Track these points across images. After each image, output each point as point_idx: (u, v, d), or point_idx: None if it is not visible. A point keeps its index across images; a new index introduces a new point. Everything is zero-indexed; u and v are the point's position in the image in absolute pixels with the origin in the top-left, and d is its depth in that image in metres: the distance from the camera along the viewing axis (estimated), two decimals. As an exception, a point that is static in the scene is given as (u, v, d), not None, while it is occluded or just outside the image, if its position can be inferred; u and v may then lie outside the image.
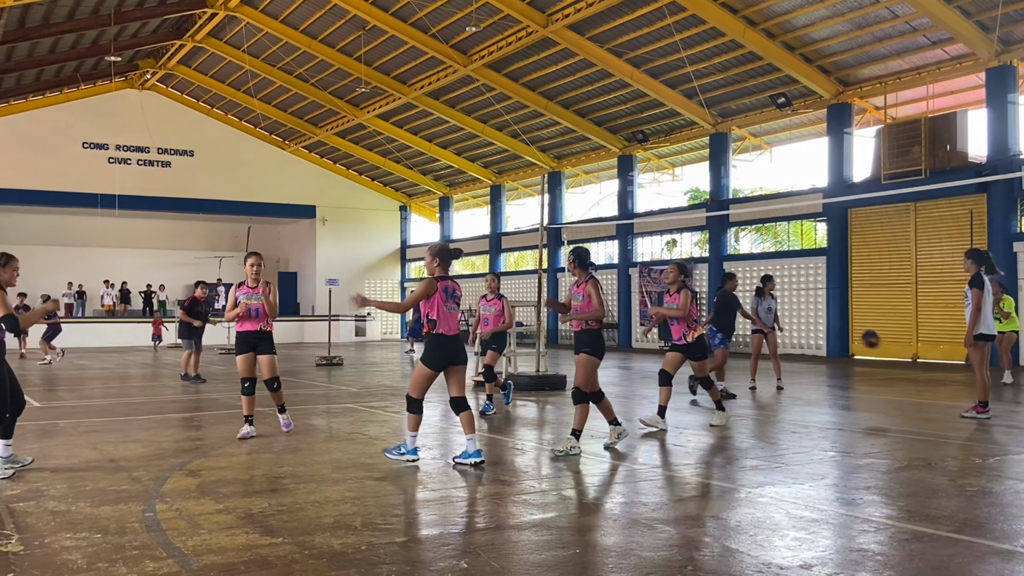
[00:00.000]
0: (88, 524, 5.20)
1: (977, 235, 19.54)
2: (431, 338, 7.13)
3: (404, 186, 40.01)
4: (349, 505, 5.71)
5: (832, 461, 7.45)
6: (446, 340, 7.10)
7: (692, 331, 9.30)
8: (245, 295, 8.67)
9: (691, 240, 28.89)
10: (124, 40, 29.19)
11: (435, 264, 7.25)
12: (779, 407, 11.49)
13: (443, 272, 7.27)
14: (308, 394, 13.43)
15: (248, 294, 8.67)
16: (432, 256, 7.28)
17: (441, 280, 7.16)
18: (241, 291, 8.71)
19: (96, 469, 7.02)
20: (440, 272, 7.24)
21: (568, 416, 10.44)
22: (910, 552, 4.66)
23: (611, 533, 5.11)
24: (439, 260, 7.23)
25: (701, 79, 23.33)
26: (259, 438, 8.62)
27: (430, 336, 7.13)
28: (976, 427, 9.60)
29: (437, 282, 7.12)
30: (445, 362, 7.12)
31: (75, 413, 10.87)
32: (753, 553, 4.63)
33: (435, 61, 26.84)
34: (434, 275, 7.22)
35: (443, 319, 7.10)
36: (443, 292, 7.11)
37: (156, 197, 35.04)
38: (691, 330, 9.31)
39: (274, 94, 33.48)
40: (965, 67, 19.82)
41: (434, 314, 7.10)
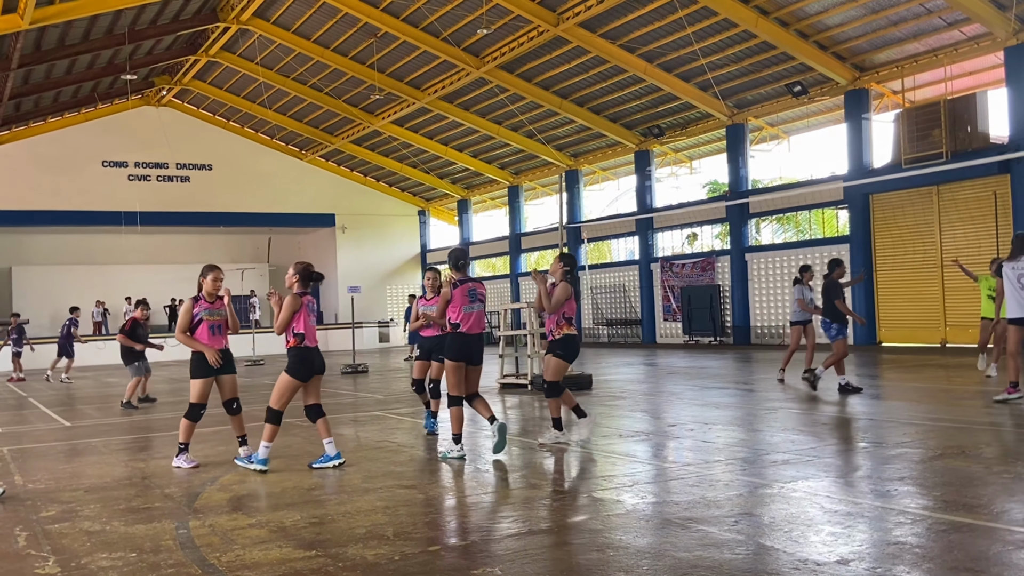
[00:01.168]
0: (123, 543, 5.23)
1: (1002, 216, 19.30)
2: (296, 351, 7.44)
3: (422, 191, 40.11)
4: (380, 515, 5.72)
5: (864, 452, 7.37)
6: (312, 352, 7.48)
7: (560, 328, 8.21)
8: (206, 311, 7.96)
9: (712, 233, 28.74)
10: (139, 58, 29.45)
11: (295, 281, 7.61)
12: (807, 398, 11.39)
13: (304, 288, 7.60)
14: (336, 403, 13.47)
15: (208, 309, 7.97)
16: (294, 274, 7.62)
17: (303, 296, 7.54)
18: (200, 307, 7.96)
19: (129, 487, 7.08)
20: (300, 289, 7.56)
21: (596, 416, 10.42)
22: (948, 543, 4.60)
23: (644, 534, 5.08)
24: (299, 278, 7.58)
25: (715, 71, 23.20)
26: (287, 450, 8.65)
27: (294, 349, 7.45)
28: (1009, 412, 9.48)
29: (301, 298, 7.50)
30: (311, 373, 7.50)
31: (105, 431, 10.97)
32: (789, 550, 4.58)
33: (448, 65, 26.87)
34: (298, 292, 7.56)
35: (309, 332, 7.48)
36: (307, 307, 7.51)
37: (176, 212, 35.37)
38: (559, 327, 8.22)
39: (289, 105, 33.66)
40: (983, 47, 19.56)
41: (300, 327, 7.43)
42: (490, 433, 7.81)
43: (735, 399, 11.85)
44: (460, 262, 7.89)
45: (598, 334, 30.61)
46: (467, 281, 7.79)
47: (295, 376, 7.44)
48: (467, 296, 7.73)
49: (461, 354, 7.68)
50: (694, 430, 8.96)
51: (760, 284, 25.27)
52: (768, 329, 25.06)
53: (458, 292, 7.72)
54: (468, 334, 7.69)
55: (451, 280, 7.78)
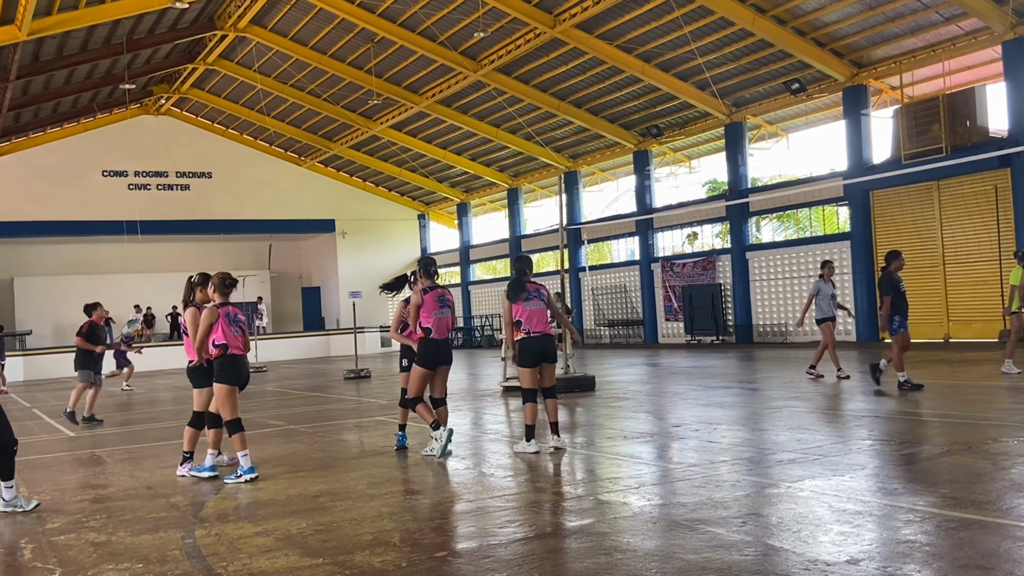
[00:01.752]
0: (129, 554, 5.22)
1: (1003, 210, 19.28)
2: (221, 361, 7.44)
3: (421, 195, 40.12)
4: (387, 521, 5.70)
5: (871, 450, 7.35)
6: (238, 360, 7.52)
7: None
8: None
9: (712, 232, 28.71)
10: (137, 67, 29.48)
11: (213, 292, 7.66)
12: (812, 396, 11.36)
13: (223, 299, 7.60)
14: (339, 408, 13.46)
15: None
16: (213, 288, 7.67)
17: (222, 306, 7.53)
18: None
19: (134, 497, 7.06)
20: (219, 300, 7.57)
21: (599, 417, 10.41)
22: (958, 541, 4.58)
23: (652, 537, 5.06)
24: (216, 289, 7.62)
25: (713, 70, 23.19)
26: (292, 457, 8.63)
27: (218, 360, 7.45)
28: (1015, 408, 9.46)
29: (219, 308, 7.49)
30: (239, 380, 7.55)
31: (110, 441, 10.95)
32: (798, 550, 4.56)
33: (445, 69, 26.87)
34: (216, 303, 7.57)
35: (231, 342, 7.48)
36: (225, 317, 7.49)
37: (177, 220, 35.40)
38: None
39: (287, 111, 33.68)
40: (981, 41, 19.55)
41: (220, 338, 7.43)
42: (435, 437, 8.02)
43: (739, 398, 11.83)
44: (431, 268, 8.08)
45: (600, 335, 30.59)
46: (437, 287, 8.03)
47: (228, 382, 7.44)
48: (437, 302, 7.97)
49: (431, 360, 7.96)
50: (699, 430, 8.94)
51: (761, 282, 25.25)
52: (770, 327, 25.03)
53: (428, 298, 7.94)
54: (439, 339, 7.94)
55: (421, 287, 8.01)
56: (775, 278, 24.92)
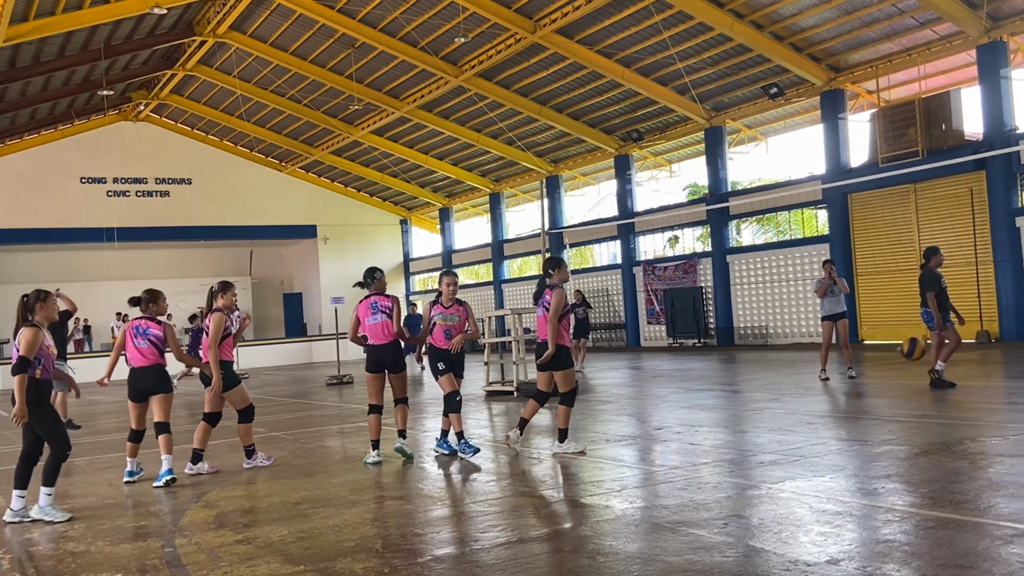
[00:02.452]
0: (108, 564, 5.18)
1: (978, 213, 19.49)
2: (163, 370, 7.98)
3: (403, 200, 40.07)
4: (369, 527, 5.69)
5: (850, 451, 7.40)
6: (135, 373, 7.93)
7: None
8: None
9: (693, 235, 28.86)
10: (115, 73, 29.28)
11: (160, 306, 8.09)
12: (791, 398, 11.43)
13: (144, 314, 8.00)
14: (321, 415, 13.41)
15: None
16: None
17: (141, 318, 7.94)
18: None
19: (113, 506, 7.01)
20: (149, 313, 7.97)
21: (582, 421, 10.43)
22: (937, 540, 4.62)
23: (633, 539, 5.08)
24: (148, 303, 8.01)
25: (692, 74, 23.32)
26: (274, 464, 8.58)
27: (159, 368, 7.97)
28: (991, 407, 9.56)
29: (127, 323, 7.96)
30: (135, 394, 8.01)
31: (89, 450, 10.85)
32: (779, 551, 4.59)
33: (426, 74, 26.88)
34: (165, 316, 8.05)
35: (132, 356, 7.88)
36: (132, 330, 7.86)
37: (157, 227, 35.17)
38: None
39: (268, 117, 33.56)
40: (955, 46, 19.78)
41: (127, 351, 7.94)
42: (396, 443, 8.37)
43: (721, 401, 11.89)
44: (367, 277, 8.50)
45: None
46: (371, 295, 8.38)
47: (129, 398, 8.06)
48: (369, 309, 8.30)
49: (371, 366, 8.30)
50: (681, 433, 8.97)
51: (742, 285, 25.39)
52: (752, 330, 25.17)
53: (361, 307, 8.38)
54: (376, 345, 8.25)
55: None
56: (756, 281, 25.06)
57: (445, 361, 8.28)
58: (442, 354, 8.30)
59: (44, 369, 6.47)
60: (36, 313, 6.58)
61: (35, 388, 6.39)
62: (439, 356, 8.31)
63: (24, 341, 6.35)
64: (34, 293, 6.69)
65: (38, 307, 6.60)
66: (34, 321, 6.54)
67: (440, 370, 8.27)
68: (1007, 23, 18.67)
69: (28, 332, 6.39)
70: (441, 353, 8.30)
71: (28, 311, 6.58)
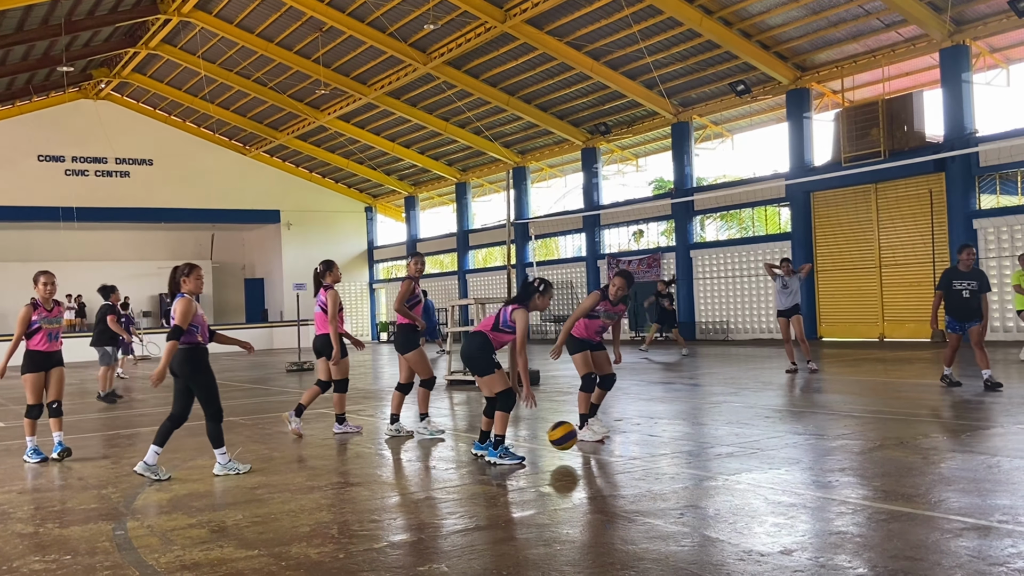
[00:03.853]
0: (57, 546, 5.07)
1: (937, 213, 19.82)
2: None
3: (369, 187, 39.78)
4: (325, 513, 5.64)
5: (806, 444, 7.49)
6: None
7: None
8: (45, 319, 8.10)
9: (658, 230, 29.02)
10: (76, 50, 28.69)
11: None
12: (750, 392, 11.55)
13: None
14: (280, 401, 13.28)
15: (47, 317, 8.10)
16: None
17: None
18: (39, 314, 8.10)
19: (64, 488, 6.88)
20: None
21: (543, 411, 10.44)
22: (888, 532, 4.69)
23: (591, 528, 5.09)
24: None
25: (661, 69, 23.41)
26: (229, 449, 8.48)
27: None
28: (945, 404, 9.73)
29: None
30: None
31: (41, 431, 10.62)
32: (733, 541, 4.63)
33: (394, 60, 26.68)
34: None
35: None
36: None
37: (116, 208, 34.52)
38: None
39: (232, 99, 33.09)
40: (919, 48, 20.06)
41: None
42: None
43: (680, 394, 11.97)
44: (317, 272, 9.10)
45: (546, 330, 30.69)
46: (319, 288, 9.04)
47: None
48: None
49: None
50: (640, 424, 9.02)
51: (705, 280, 25.60)
52: (713, 324, 25.39)
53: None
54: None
55: None
56: (718, 276, 25.28)
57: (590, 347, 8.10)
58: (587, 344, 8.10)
59: (202, 336, 6.97)
60: (185, 285, 6.98)
61: (196, 355, 6.90)
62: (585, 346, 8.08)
63: (178, 312, 6.80)
64: (184, 266, 7.08)
65: (183, 280, 7.00)
66: (184, 292, 6.94)
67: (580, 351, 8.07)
68: (970, 27, 18.97)
69: (181, 303, 6.86)
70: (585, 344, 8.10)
71: (177, 283, 7.00)
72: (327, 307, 8.82)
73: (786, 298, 13.72)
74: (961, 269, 10.75)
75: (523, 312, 7.07)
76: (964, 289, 10.61)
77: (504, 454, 7.01)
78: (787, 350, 13.80)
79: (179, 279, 7.00)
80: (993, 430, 7.88)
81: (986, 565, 4.06)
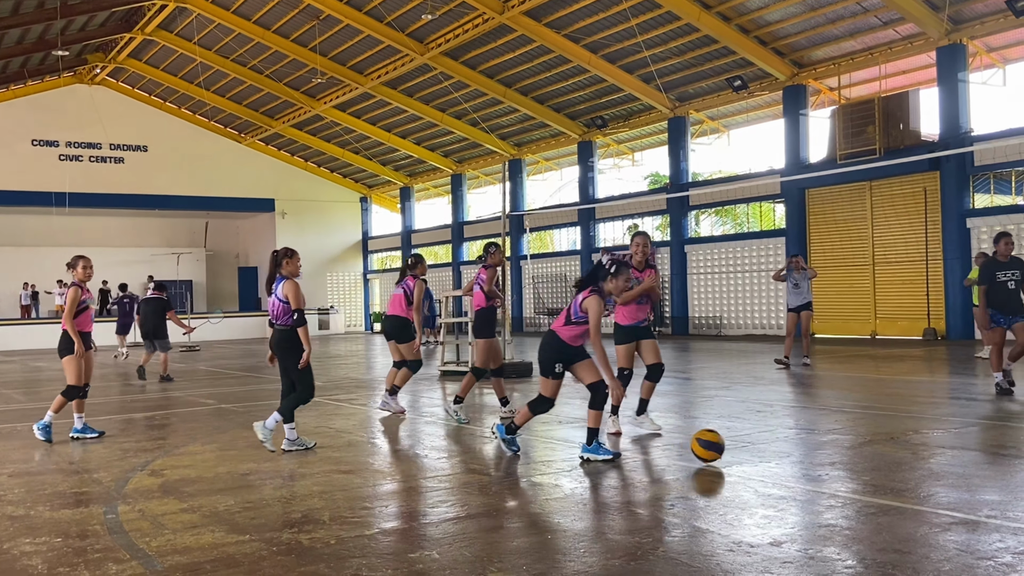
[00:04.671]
0: (48, 528, 5.07)
1: (931, 213, 19.87)
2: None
3: (364, 177, 39.71)
4: (317, 500, 5.65)
5: (796, 438, 7.53)
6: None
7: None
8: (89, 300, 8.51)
9: (652, 224, 29.03)
10: (71, 34, 28.54)
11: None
12: (742, 386, 11.58)
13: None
14: (272, 389, 13.27)
15: (89, 298, 8.50)
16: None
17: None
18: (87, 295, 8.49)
19: (55, 472, 6.87)
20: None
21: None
22: (877, 525, 4.71)
23: (581, 518, 5.11)
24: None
25: (658, 63, 23.40)
26: (222, 435, 8.49)
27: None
28: (935, 401, 9.78)
29: None
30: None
31: (32, 415, 10.62)
32: (723, 532, 4.65)
33: (391, 50, 26.60)
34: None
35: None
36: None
37: (110, 194, 34.41)
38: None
39: (228, 86, 32.98)
40: (916, 47, 20.09)
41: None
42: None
43: (673, 387, 12.00)
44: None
45: (539, 323, 30.71)
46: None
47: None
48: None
49: None
50: (632, 417, 9.03)
51: (699, 275, 25.63)
52: (706, 320, 25.44)
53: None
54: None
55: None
56: (712, 272, 25.32)
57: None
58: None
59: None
60: (284, 268, 7.29)
61: (291, 336, 7.24)
62: (633, 334, 8.27)
63: (292, 295, 7.17)
64: (283, 250, 7.39)
65: (285, 262, 7.31)
66: (285, 275, 7.28)
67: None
68: (967, 26, 18.99)
69: (292, 286, 7.23)
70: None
71: (278, 266, 7.32)
72: (412, 294, 9.36)
73: (797, 297, 13.76)
74: (1000, 259, 9.92)
75: (595, 299, 6.51)
76: (1009, 280, 9.81)
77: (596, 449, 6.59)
78: (787, 343, 13.86)
79: (281, 261, 7.31)
80: (982, 426, 7.93)
81: (974, 559, 4.08)
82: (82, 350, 8.24)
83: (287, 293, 7.21)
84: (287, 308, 7.26)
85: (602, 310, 6.54)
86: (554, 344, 6.65)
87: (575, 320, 6.61)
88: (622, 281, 6.70)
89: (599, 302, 6.51)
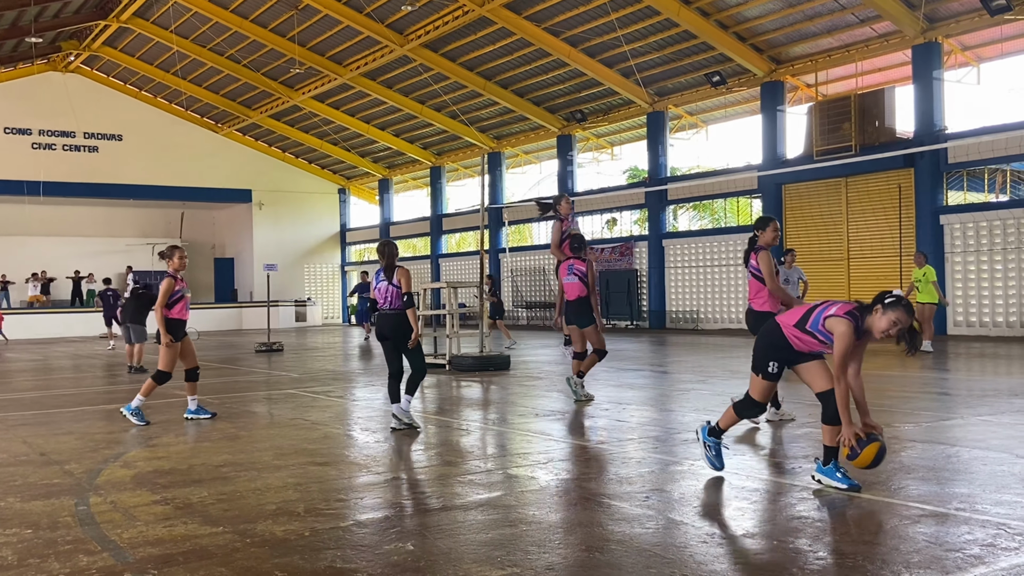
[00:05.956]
0: (18, 520, 5.02)
1: (906, 209, 20.07)
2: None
3: (342, 168, 39.52)
4: (291, 491, 5.62)
5: (771, 432, 7.58)
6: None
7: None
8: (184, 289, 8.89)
9: (631, 218, 29.12)
10: (45, 21, 28.16)
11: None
12: (718, 380, 11.66)
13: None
14: (248, 381, 13.21)
15: (184, 288, 8.87)
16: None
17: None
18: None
19: (26, 463, 6.80)
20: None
21: (512, 396, 10.47)
22: (849, 518, 4.77)
23: (558, 510, 5.12)
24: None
25: (638, 58, 23.44)
26: (197, 427, 8.44)
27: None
28: (906, 396, 9.89)
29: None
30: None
31: (3, 406, 10.51)
32: (697, 524, 4.68)
33: (371, 41, 26.47)
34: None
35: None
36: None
37: (84, 183, 34.04)
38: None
39: (205, 76, 32.68)
40: (892, 44, 20.26)
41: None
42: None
43: (649, 381, 12.06)
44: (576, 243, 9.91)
45: (518, 316, 30.75)
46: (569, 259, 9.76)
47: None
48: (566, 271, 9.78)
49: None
50: (608, 410, 9.08)
51: (676, 270, 25.75)
52: (683, 314, 25.56)
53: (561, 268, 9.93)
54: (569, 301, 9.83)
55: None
56: (690, 266, 25.44)
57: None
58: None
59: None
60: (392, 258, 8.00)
61: (405, 320, 7.86)
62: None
63: (406, 281, 7.88)
64: (392, 242, 8.11)
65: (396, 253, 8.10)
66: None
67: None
68: (942, 25, 19.18)
69: (407, 272, 7.95)
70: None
71: (395, 255, 8.00)
72: (587, 278, 9.56)
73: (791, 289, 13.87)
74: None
75: (847, 324, 5.08)
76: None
77: (832, 473, 5.27)
78: None
79: (395, 252, 8.02)
80: (953, 421, 8.03)
81: (943, 551, 4.14)
82: (168, 339, 8.52)
83: (400, 278, 7.86)
84: (399, 292, 7.84)
85: (852, 344, 5.16)
86: (775, 338, 5.41)
87: (811, 331, 5.33)
88: (890, 321, 5.12)
89: (850, 330, 5.08)
